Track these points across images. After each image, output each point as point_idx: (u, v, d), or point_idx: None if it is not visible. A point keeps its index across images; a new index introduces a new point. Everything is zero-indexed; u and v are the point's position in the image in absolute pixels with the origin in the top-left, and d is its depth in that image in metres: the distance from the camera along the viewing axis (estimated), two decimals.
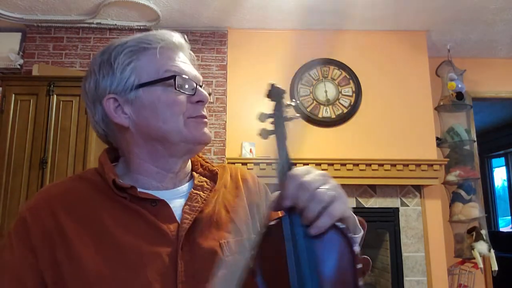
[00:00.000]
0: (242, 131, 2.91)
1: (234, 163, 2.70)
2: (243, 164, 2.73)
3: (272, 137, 0.68)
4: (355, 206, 2.87)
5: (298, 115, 0.74)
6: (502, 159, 6.18)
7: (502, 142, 5.93)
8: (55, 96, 2.52)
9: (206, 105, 0.72)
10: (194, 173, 0.76)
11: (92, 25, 3.03)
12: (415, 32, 3.14)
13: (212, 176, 0.75)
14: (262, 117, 0.70)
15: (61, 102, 2.53)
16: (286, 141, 0.65)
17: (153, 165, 0.70)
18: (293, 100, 2.98)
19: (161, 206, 0.66)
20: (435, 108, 3.19)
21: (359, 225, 0.66)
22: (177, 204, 0.68)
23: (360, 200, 2.88)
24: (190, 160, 0.77)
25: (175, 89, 0.67)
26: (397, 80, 3.07)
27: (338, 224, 0.56)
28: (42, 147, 2.45)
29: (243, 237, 0.69)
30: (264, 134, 0.68)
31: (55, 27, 3.06)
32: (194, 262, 0.62)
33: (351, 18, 2.97)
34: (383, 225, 2.89)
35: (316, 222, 0.53)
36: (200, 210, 0.67)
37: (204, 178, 0.74)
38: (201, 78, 0.74)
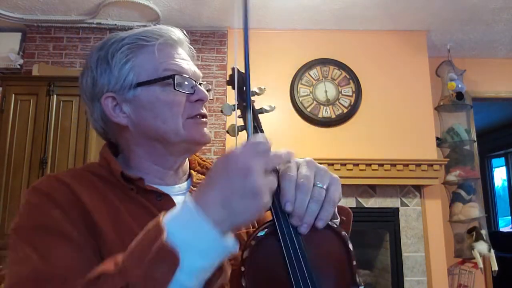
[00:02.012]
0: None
1: None
2: None
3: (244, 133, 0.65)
4: (355, 206, 2.87)
5: (272, 106, 0.67)
6: (502, 159, 6.18)
7: (502, 142, 5.93)
8: (55, 96, 2.52)
9: (206, 103, 0.71)
10: (192, 171, 0.76)
11: (92, 25, 3.03)
12: (415, 32, 3.14)
13: None
14: (227, 110, 0.66)
15: (61, 102, 2.53)
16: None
17: (153, 163, 0.69)
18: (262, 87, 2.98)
19: (166, 200, 0.66)
20: (435, 108, 3.19)
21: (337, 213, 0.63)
22: (178, 201, 0.67)
23: (360, 200, 2.88)
24: (187, 159, 0.77)
25: (174, 88, 0.66)
26: (397, 80, 3.07)
27: (331, 222, 0.57)
28: (42, 147, 2.45)
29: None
30: (232, 131, 0.66)
31: (55, 27, 3.06)
32: None
33: (351, 18, 2.97)
34: (383, 225, 2.89)
35: (315, 223, 0.54)
36: None
37: (203, 176, 0.75)
38: (200, 74, 0.72)
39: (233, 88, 0.67)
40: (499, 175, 6.34)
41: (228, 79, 0.67)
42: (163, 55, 0.68)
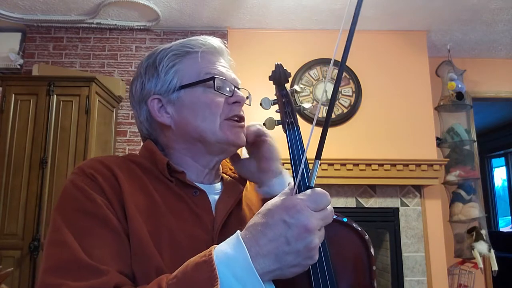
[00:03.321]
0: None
1: None
2: None
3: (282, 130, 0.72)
4: (355, 206, 2.87)
5: (310, 104, 0.72)
6: (502, 159, 6.18)
7: (502, 142, 5.93)
8: (55, 96, 2.52)
9: (243, 107, 0.76)
10: (224, 175, 0.82)
11: (92, 25, 3.03)
12: (415, 32, 3.13)
13: (241, 179, 0.80)
14: (266, 104, 0.74)
15: (61, 102, 2.53)
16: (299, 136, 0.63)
17: (192, 159, 0.74)
18: (299, 85, 2.94)
19: (201, 196, 0.70)
20: (435, 108, 3.19)
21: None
22: (212, 199, 0.72)
23: (360, 200, 2.88)
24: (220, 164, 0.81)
25: (214, 89, 0.71)
26: (397, 80, 3.07)
27: (355, 225, 0.59)
28: (42, 147, 2.45)
29: None
30: (269, 124, 0.73)
31: (55, 27, 3.06)
32: None
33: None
34: (383, 225, 2.89)
35: None
36: (232, 207, 0.71)
37: (234, 180, 0.80)
38: (239, 81, 0.79)
39: (275, 83, 0.75)
40: (499, 175, 6.34)
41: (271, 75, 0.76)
42: (205, 61, 0.74)
